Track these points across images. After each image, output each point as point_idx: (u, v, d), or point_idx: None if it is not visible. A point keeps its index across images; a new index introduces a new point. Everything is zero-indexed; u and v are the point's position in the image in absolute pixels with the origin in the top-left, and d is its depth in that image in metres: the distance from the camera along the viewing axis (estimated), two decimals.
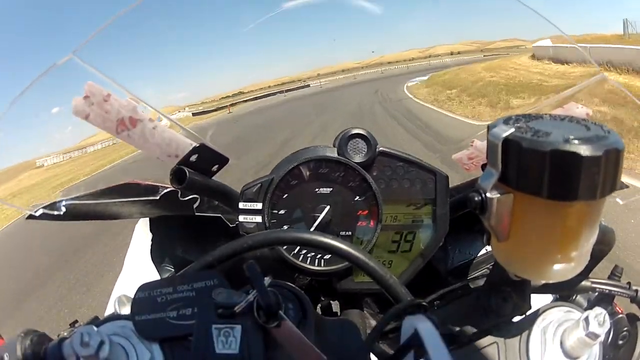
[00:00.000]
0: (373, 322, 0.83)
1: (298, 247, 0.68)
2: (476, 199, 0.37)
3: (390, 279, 0.51)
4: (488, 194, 0.37)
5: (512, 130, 0.35)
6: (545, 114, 0.38)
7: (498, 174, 0.36)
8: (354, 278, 0.72)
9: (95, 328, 0.37)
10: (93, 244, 4.51)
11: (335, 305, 0.79)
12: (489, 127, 0.37)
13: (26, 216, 0.66)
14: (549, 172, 0.33)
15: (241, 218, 0.67)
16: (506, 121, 0.37)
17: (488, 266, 0.84)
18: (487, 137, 0.37)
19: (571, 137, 0.32)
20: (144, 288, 0.43)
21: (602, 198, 0.34)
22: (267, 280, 0.42)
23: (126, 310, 0.45)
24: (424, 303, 0.48)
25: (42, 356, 0.44)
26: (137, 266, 0.87)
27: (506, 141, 0.35)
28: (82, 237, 4.77)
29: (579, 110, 0.67)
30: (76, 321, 0.58)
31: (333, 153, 0.67)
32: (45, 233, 4.93)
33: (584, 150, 0.31)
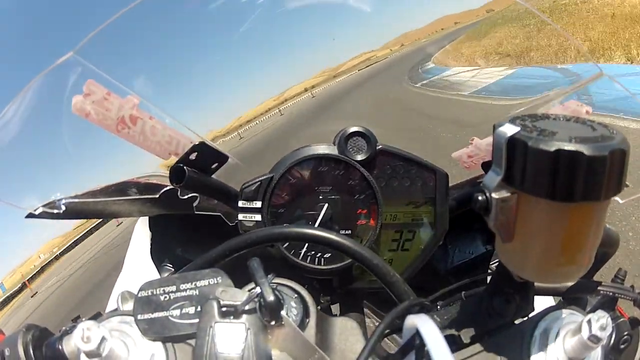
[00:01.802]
0: (373, 323, 0.83)
1: (298, 245, 0.68)
2: (480, 198, 0.37)
3: (394, 276, 0.51)
4: (493, 194, 0.36)
5: (518, 129, 0.35)
6: (552, 114, 0.38)
7: (502, 174, 0.36)
8: (355, 277, 0.72)
9: (97, 324, 0.37)
10: None
11: (335, 306, 0.79)
12: (494, 126, 0.37)
13: (25, 215, 0.66)
14: (553, 173, 0.32)
15: (240, 216, 0.67)
16: (512, 120, 0.36)
17: (489, 265, 0.84)
18: (492, 136, 0.37)
19: (577, 137, 0.32)
20: (146, 287, 0.43)
21: (607, 199, 0.34)
22: (270, 277, 0.42)
23: (128, 306, 0.44)
24: (427, 302, 0.48)
25: (43, 351, 0.44)
26: (138, 265, 0.87)
27: (511, 140, 0.35)
28: None
29: (579, 108, 0.67)
30: (79, 316, 0.58)
31: (333, 151, 0.67)
32: None
33: (589, 150, 0.31)
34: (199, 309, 0.42)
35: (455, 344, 0.47)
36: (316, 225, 0.67)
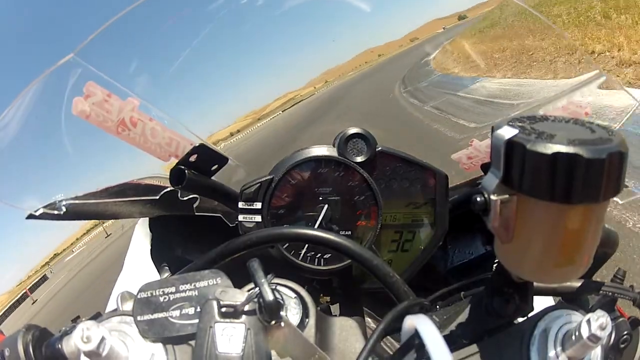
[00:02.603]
0: (372, 322, 0.83)
1: (298, 246, 0.68)
2: (479, 200, 0.37)
3: (394, 277, 0.51)
4: (491, 196, 0.36)
5: (516, 131, 0.35)
6: (550, 115, 0.38)
7: (501, 176, 0.36)
8: (355, 277, 0.72)
9: (97, 324, 0.37)
10: None
11: (335, 306, 0.79)
12: (493, 128, 0.37)
13: (26, 216, 0.66)
14: (552, 175, 0.32)
15: (241, 218, 0.67)
16: (511, 122, 0.36)
17: (492, 265, 0.84)
18: (491, 138, 0.37)
19: (575, 139, 0.32)
20: (145, 288, 0.43)
21: (606, 201, 0.34)
22: (269, 278, 0.42)
23: (128, 306, 0.44)
24: (427, 302, 0.48)
25: (43, 351, 0.44)
26: (138, 265, 0.87)
27: (510, 143, 0.35)
28: None
29: (578, 109, 0.67)
30: (78, 317, 0.58)
31: (333, 153, 0.67)
32: None
33: (587, 152, 0.31)
34: (198, 309, 0.42)
35: (454, 343, 0.47)
36: (316, 226, 0.67)
